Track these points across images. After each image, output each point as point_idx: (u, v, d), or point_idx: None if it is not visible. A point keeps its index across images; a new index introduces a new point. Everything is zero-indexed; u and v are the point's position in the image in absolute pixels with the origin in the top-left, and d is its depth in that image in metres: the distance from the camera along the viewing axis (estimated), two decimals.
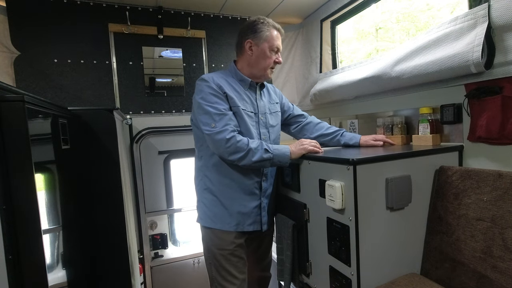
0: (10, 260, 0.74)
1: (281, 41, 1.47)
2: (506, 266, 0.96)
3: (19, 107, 0.77)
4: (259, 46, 1.41)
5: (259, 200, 1.44)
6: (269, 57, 1.42)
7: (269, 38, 1.40)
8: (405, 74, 1.44)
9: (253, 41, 1.41)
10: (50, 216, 0.99)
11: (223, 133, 1.27)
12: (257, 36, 1.40)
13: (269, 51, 1.41)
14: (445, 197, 1.19)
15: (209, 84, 1.34)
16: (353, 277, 1.08)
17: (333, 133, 1.61)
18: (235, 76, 1.46)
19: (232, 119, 1.32)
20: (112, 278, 1.42)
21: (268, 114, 1.50)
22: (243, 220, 1.40)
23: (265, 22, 1.41)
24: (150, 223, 2.21)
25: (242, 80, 1.45)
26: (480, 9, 1.14)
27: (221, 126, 1.28)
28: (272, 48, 1.41)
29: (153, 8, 2.16)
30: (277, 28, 1.43)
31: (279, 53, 1.46)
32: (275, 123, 1.54)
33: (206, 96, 1.32)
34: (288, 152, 1.32)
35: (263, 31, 1.40)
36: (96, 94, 2.04)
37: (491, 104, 1.15)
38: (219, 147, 1.28)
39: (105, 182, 1.40)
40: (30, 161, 0.78)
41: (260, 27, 1.40)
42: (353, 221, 1.05)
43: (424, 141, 1.41)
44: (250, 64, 1.44)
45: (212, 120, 1.29)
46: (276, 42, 1.42)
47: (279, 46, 1.44)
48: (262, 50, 1.40)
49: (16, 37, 1.82)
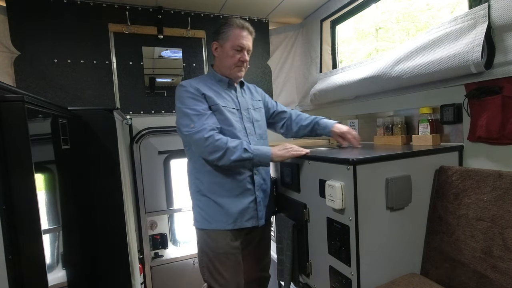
0: (10, 260, 0.74)
1: (250, 40, 1.46)
2: (506, 266, 0.96)
3: (19, 107, 0.77)
4: (222, 46, 1.43)
5: (253, 194, 1.42)
6: (232, 56, 1.42)
7: (231, 37, 1.41)
8: (405, 74, 1.44)
9: (217, 42, 1.44)
10: (50, 216, 0.99)
11: (201, 132, 1.28)
12: (220, 37, 1.43)
13: (232, 50, 1.41)
14: (445, 197, 1.19)
15: (187, 88, 1.37)
16: (353, 277, 1.08)
17: (309, 123, 1.62)
18: (213, 78, 1.49)
19: (211, 117, 1.33)
20: (112, 278, 1.42)
21: (252, 110, 1.52)
22: (240, 216, 1.39)
23: (228, 22, 1.42)
24: (150, 223, 2.21)
25: (220, 81, 1.48)
26: (480, 9, 1.14)
27: (199, 126, 1.29)
28: (234, 47, 1.41)
29: (153, 8, 2.16)
30: (241, 26, 1.42)
31: (244, 51, 1.44)
32: (259, 118, 1.55)
33: (184, 100, 1.35)
34: (269, 153, 1.32)
35: (225, 31, 1.41)
36: (96, 94, 2.04)
37: (491, 104, 1.15)
38: (199, 146, 1.30)
39: (105, 182, 1.40)
40: (30, 161, 0.78)
41: (222, 28, 1.42)
42: (353, 221, 1.05)
43: (424, 141, 1.41)
44: (219, 65, 1.47)
45: (190, 121, 1.31)
46: (238, 41, 1.41)
47: (243, 44, 1.42)
48: (225, 50, 1.42)
49: (16, 37, 1.82)
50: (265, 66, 2.56)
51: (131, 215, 1.87)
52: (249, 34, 1.46)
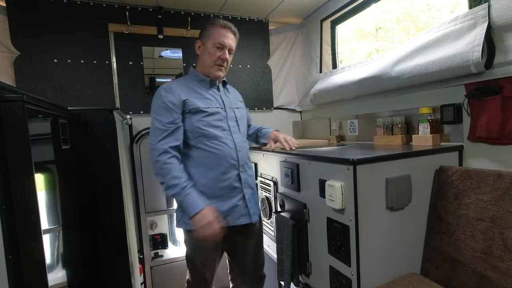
0: (10, 260, 0.74)
1: (233, 40, 1.46)
2: (506, 266, 0.96)
3: (19, 107, 0.77)
4: (205, 44, 1.44)
5: (241, 192, 1.43)
6: (213, 54, 1.42)
7: (213, 35, 1.42)
8: (405, 74, 1.44)
9: (200, 41, 1.46)
10: (50, 216, 0.99)
11: (155, 151, 1.31)
12: (203, 36, 1.45)
13: (213, 47, 1.42)
14: (445, 197, 1.19)
15: (163, 96, 1.36)
16: (353, 277, 1.08)
17: (254, 133, 1.71)
18: (195, 78, 1.49)
19: (173, 134, 1.34)
20: (112, 278, 1.42)
21: (235, 109, 1.54)
22: (231, 215, 1.39)
23: (211, 21, 1.45)
24: (150, 223, 2.20)
25: (202, 80, 1.48)
26: (480, 9, 1.14)
27: (157, 144, 1.31)
28: (215, 44, 1.42)
29: (153, 8, 2.16)
30: (224, 25, 1.43)
31: (225, 49, 1.44)
32: (242, 117, 1.57)
33: (156, 109, 1.36)
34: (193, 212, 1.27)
35: (207, 29, 1.43)
36: (96, 94, 2.04)
37: (491, 104, 1.15)
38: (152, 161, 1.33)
39: (105, 182, 1.40)
40: (30, 161, 0.78)
41: (205, 27, 1.45)
42: (353, 221, 1.05)
43: (424, 141, 1.41)
44: (201, 64, 1.48)
45: (154, 135, 1.33)
46: (220, 39, 1.42)
47: (224, 43, 1.42)
48: (206, 47, 1.44)
49: (16, 37, 1.82)
50: (265, 66, 2.56)
51: (131, 215, 1.87)
52: (232, 33, 1.46)
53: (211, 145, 1.38)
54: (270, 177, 1.70)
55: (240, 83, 2.47)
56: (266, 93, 2.58)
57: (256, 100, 2.53)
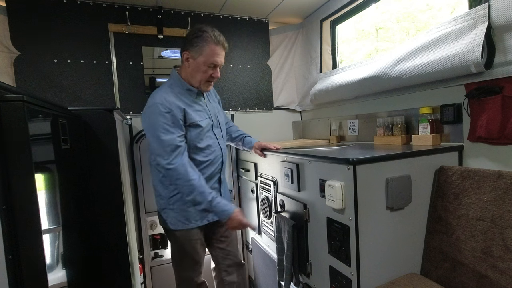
0: (10, 260, 0.73)
1: (224, 55, 1.44)
2: (506, 266, 0.96)
3: (19, 107, 0.77)
4: (195, 59, 1.40)
5: (219, 192, 1.55)
6: (204, 72, 1.41)
7: (206, 53, 1.38)
8: (405, 74, 1.44)
9: (189, 53, 1.40)
10: (50, 216, 0.99)
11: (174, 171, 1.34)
12: (193, 50, 1.39)
13: (204, 65, 1.40)
14: (445, 197, 1.19)
15: (162, 110, 1.34)
16: (353, 277, 1.08)
17: (237, 137, 1.80)
18: (181, 86, 1.46)
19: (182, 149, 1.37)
20: (112, 278, 1.42)
21: (217, 114, 1.59)
22: (211, 212, 1.49)
23: (203, 36, 1.37)
24: (150, 223, 2.20)
25: (189, 90, 1.47)
26: (480, 9, 1.14)
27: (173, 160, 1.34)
28: (208, 63, 1.39)
29: (153, 8, 2.16)
30: (216, 42, 1.39)
31: (217, 68, 1.44)
32: (223, 121, 1.65)
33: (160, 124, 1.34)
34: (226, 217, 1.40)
35: (199, 45, 1.38)
36: (96, 94, 2.04)
37: (491, 104, 1.15)
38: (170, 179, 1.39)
39: (105, 182, 1.40)
40: (30, 161, 0.78)
41: (196, 40, 1.38)
42: (353, 221, 1.05)
43: (424, 141, 1.41)
44: (188, 76, 1.45)
45: (165, 153, 1.34)
46: (213, 58, 1.39)
47: (217, 62, 1.41)
48: (197, 64, 1.40)
49: (16, 37, 1.82)
50: (265, 66, 2.56)
51: (131, 215, 1.87)
52: (224, 50, 1.44)
53: (203, 155, 1.47)
54: (270, 177, 1.70)
55: (240, 83, 2.47)
56: (266, 93, 2.58)
57: (256, 100, 2.53)
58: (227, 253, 1.68)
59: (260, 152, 1.70)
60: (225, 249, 1.67)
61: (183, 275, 1.58)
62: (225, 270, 1.66)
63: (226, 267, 1.67)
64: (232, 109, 2.45)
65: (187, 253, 1.53)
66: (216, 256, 1.68)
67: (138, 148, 2.12)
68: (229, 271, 1.67)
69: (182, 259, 1.56)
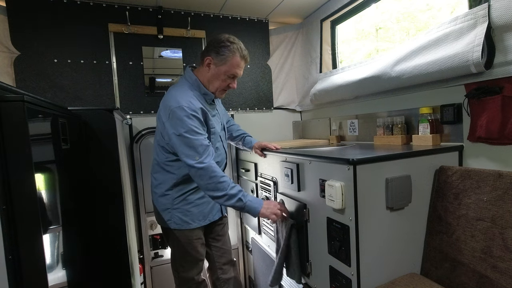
0: (10, 260, 0.73)
1: (243, 69, 1.48)
2: (506, 266, 0.96)
3: (19, 107, 0.77)
4: (217, 66, 1.42)
5: None
6: (223, 81, 1.45)
7: (230, 63, 1.41)
8: (405, 74, 1.44)
9: (213, 59, 1.42)
10: (50, 216, 0.99)
11: (206, 170, 1.33)
12: (218, 57, 1.41)
13: (225, 75, 1.43)
14: (445, 197, 1.19)
15: (188, 113, 1.34)
16: (353, 277, 1.08)
17: (238, 136, 1.83)
18: (198, 89, 1.48)
19: (211, 150, 1.39)
20: (112, 278, 1.42)
21: (223, 116, 1.66)
22: (211, 212, 1.58)
23: (231, 47, 1.40)
24: (150, 223, 2.20)
25: (205, 94, 1.49)
26: (480, 9, 1.14)
27: (205, 160, 1.34)
28: (229, 74, 1.43)
29: (153, 8, 2.16)
30: (242, 55, 1.43)
31: (235, 79, 1.48)
32: (225, 122, 1.75)
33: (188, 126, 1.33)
34: (258, 209, 1.38)
35: (225, 55, 1.40)
36: (96, 94, 2.04)
37: (491, 104, 1.15)
38: (201, 180, 1.35)
39: (105, 182, 1.40)
40: (30, 161, 0.78)
41: (223, 50, 1.40)
42: (353, 221, 1.05)
43: (424, 141, 1.41)
44: (206, 80, 1.47)
45: (196, 153, 1.33)
46: (235, 70, 1.43)
47: (237, 74, 1.45)
48: (219, 71, 1.43)
49: (16, 37, 1.82)
50: (265, 66, 2.56)
51: (131, 215, 1.87)
52: (246, 64, 1.49)
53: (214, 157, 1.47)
54: (270, 177, 1.70)
55: (240, 83, 2.47)
56: (266, 93, 2.58)
57: (256, 100, 2.54)
58: (223, 252, 1.72)
59: (260, 152, 1.71)
60: (220, 247, 1.71)
61: (183, 275, 1.58)
62: (220, 268, 1.70)
63: (221, 265, 1.71)
64: (232, 109, 2.45)
65: (189, 253, 1.54)
66: (212, 255, 1.71)
67: (138, 148, 2.12)
68: (225, 269, 1.72)
69: (183, 259, 1.56)
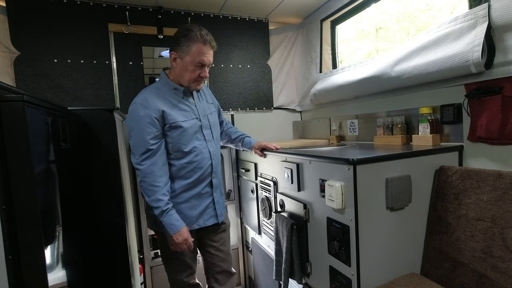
0: (10, 260, 0.74)
1: (212, 54, 1.40)
2: (506, 266, 0.96)
3: (19, 107, 0.77)
4: (182, 59, 1.37)
5: (211, 196, 1.52)
6: (192, 71, 1.39)
7: (192, 52, 1.35)
8: (405, 74, 1.44)
9: (176, 53, 1.38)
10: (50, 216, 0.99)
11: (142, 172, 1.35)
12: (180, 49, 1.37)
13: (192, 65, 1.37)
14: (445, 197, 1.19)
15: (141, 110, 1.34)
16: (353, 277, 1.08)
17: (236, 138, 1.78)
18: (168, 86, 1.45)
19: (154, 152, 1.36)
20: (112, 278, 1.42)
21: (208, 115, 1.55)
22: (202, 217, 1.50)
23: (189, 35, 1.34)
24: None
25: (175, 89, 1.45)
26: (480, 9, 1.14)
27: (143, 164, 1.35)
28: (194, 62, 1.36)
29: (153, 8, 2.16)
30: (203, 41, 1.35)
31: (205, 67, 1.41)
32: (215, 123, 1.60)
33: (136, 124, 1.35)
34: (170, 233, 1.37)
35: (185, 45, 1.35)
36: (96, 94, 2.04)
37: (491, 104, 1.15)
38: (139, 178, 1.39)
39: (105, 182, 1.40)
40: (30, 161, 0.78)
41: (182, 41, 1.35)
42: (353, 221, 1.05)
43: (424, 141, 1.41)
44: (176, 76, 1.44)
45: (138, 154, 1.35)
46: (200, 57, 1.36)
47: (204, 61, 1.37)
48: (184, 63, 1.38)
49: (16, 37, 1.82)
50: (265, 66, 2.56)
51: (131, 215, 1.87)
52: (211, 48, 1.40)
53: (189, 158, 1.44)
54: (270, 177, 1.70)
55: (240, 83, 2.47)
56: (266, 93, 2.58)
57: (256, 100, 2.53)
58: (219, 260, 1.62)
59: (260, 152, 1.69)
60: (215, 254, 1.61)
61: (172, 277, 1.57)
62: (213, 277, 1.62)
63: (215, 273, 1.62)
64: (232, 109, 2.45)
65: (175, 256, 1.51)
66: (206, 262, 1.65)
67: None
68: (219, 279, 1.62)
69: (170, 262, 1.54)
